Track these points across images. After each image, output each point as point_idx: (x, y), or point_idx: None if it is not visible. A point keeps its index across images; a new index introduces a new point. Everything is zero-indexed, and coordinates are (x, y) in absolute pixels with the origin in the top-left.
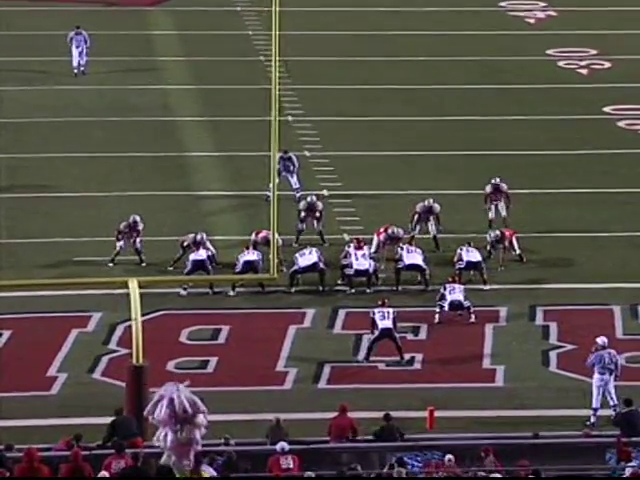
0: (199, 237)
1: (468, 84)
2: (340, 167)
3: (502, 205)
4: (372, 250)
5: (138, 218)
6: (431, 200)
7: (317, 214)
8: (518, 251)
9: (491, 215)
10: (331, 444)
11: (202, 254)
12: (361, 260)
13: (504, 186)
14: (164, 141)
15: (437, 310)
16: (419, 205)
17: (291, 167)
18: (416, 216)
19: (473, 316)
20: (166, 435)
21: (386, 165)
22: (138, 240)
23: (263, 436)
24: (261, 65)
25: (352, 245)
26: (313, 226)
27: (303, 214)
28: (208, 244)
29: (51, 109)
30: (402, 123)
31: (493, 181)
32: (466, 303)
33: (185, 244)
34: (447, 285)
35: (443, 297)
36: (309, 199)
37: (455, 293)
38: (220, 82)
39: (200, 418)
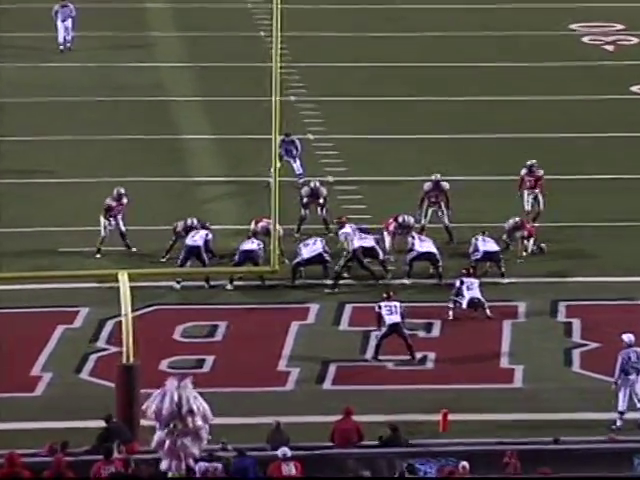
0: (189, 222)
1: (484, 61)
2: (346, 151)
3: (539, 196)
4: (387, 246)
5: (123, 190)
6: (438, 175)
7: (321, 201)
8: (530, 249)
9: (527, 206)
10: (336, 450)
11: (198, 240)
12: (364, 236)
13: (540, 171)
14: (157, 123)
15: (451, 306)
16: (426, 184)
17: (293, 151)
18: (425, 200)
19: (488, 311)
20: (156, 434)
21: (396, 149)
22: (120, 218)
23: (263, 441)
24: (261, 41)
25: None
26: (316, 214)
27: (305, 200)
28: (202, 232)
29: (35, 88)
30: (413, 104)
31: (529, 163)
32: (481, 298)
33: (177, 229)
34: (464, 279)
35: (460, 293)
36: (312, 184)
37: (473, 289)
38: (217, 59)
39: (190, 421)
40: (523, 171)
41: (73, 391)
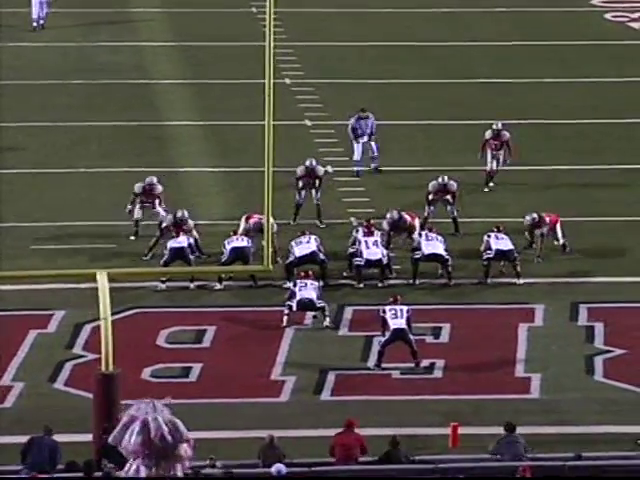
0: (180, 214)
1: (500, 40)
2: (347, 139)
3: (501, 158)
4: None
5: (155, 179)
6: (446, 177)
7: (317, 182)
8: (562, 240)
9: (489, 166)
10: (336, 467)
11: (182, 241)
12: (372, 248)
13: (506, 134)
14: (139, 108)
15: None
16: (432, 184)
17: (368, 130)
18: (430, 196)
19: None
20: (137, 470)
21: (402, 137)
22: (159, 204)
23: (255, 457)
24: (253, 18)
25: (361, 230)
26: (311, 199)
27: (301, 183)
28: (191, 223)
29: (5, 70)
30: (421, 87)
31: (494, 126)
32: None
33: (163, 225)
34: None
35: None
36: (307, 163)
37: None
38: (205, 38)
39: (182, 450)
40: (488, 134)
41: (47, 402)
